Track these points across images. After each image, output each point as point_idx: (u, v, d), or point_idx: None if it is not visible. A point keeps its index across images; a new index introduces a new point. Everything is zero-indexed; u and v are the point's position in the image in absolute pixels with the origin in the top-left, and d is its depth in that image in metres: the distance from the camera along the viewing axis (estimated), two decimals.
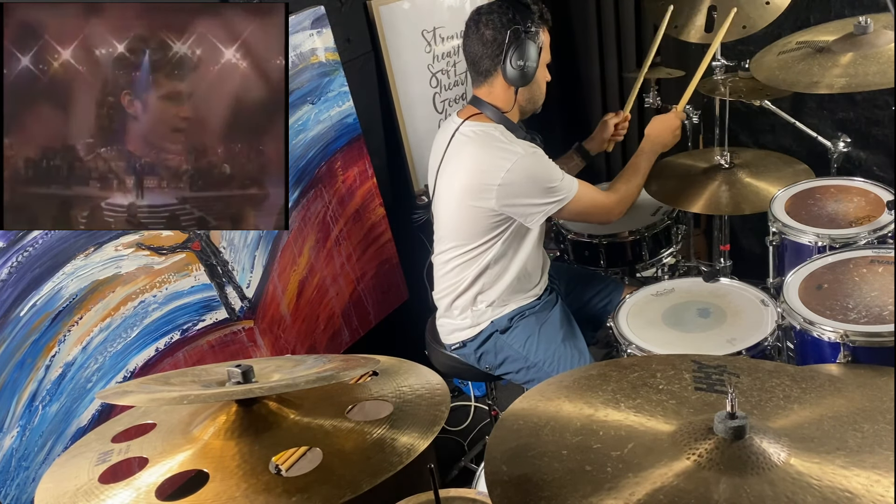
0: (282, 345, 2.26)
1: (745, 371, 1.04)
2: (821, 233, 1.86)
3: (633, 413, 0.96)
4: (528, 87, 1.97)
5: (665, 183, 2.28)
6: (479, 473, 1.71)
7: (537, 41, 1.91)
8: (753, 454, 0.84)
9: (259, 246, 2.16)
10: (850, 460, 0.84)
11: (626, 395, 1.00)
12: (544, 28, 1.94)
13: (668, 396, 0.99)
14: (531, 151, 1.89)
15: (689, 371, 1.04)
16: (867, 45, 1.81)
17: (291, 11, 2.16)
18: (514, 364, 2.06)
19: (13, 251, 1.61)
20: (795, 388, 1.00)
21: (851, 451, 0.85)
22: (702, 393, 0.99)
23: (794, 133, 2.61)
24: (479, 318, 2.07)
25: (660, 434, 0.91)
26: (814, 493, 0.79)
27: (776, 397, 0.98)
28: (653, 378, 1.03)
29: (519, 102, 1.99)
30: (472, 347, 2.10)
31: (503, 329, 2.06)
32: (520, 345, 2.04)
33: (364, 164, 2.50)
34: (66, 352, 1.72)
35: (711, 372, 1.03)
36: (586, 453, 0.88)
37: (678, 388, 1.00)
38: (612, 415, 0.96)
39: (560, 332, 2.05)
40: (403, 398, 1.04)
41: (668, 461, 0.85)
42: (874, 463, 0.83)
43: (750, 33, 2.24)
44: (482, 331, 2.07)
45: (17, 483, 1.65)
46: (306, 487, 0.87)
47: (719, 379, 1.02)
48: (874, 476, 0.81)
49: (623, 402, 0.98)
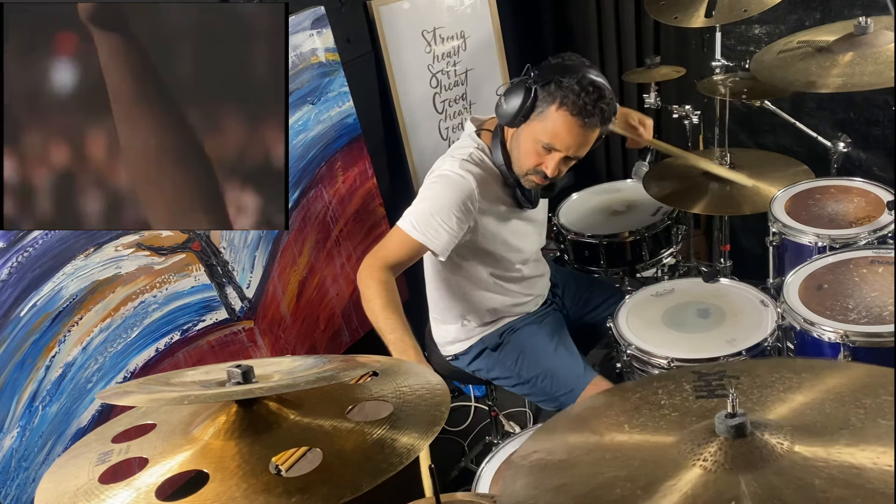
0: (282, 345, 2.26)
1: (745, 371, 1.05)
2: (821, 233, 1.86)
3: (637, 433, 0.96)
4: (516, 137, 1.81)
5: (665, 183, 2.28)
6: (479, 474, 1.71)
7: (538, 104, 1.72)
8: (757, 448, 0.84)
9: (259, 246, 2.17)
10: (855, 438, 0.84)
11: (630, 416, 1.00)
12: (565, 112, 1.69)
13: (671, 409, 0.99)
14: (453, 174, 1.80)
15: (690, 382, 1.04)
16: (867, 45, 1.81)
17: (291, 11, 2.16)
18: (508, 380, 2.04)
19: (13, 251, 1.61)
20: (796, 379, 1.00)
21: (855, 429, 0.86)
22: (703, 400, 0.99)
23: (794, 133, 2.61)
24: (469, 334, 2.06)
25: (665, 446, 0.91)
26: (821, 475, 0.79)
27: (776, 391, 0.98)
28: (654, 395, 1.03)
29: (509, 142, 1.85)
30: (465, 362, 2.09)
31: (494, 346, 2.04)
32: (511, 362, 2.01)
33: (364, 164, 2.50)
34: (66, 352, 1.72)
35: (712, 378, 1.03)
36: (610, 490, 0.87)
37: (679, 399, 1.01)
38: (616, 437, 0.96)
39: (551, 345, 2.00)
40: (403, 398, 1.04)
41: (676, 471, 0.85)
42: (878, 435, 0.84)
43: (750, 15, 2.22)
44: (472, 346, 2.06)
45: (17, 483, 1.65)
46: (306, 488, 0.87)
47: (720, 384, 1.02)
48: (879, 448, 0.81)
49: (627, 424, 0.98)
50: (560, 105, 1.70)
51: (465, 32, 2.77)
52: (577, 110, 1.68)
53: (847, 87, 1.76)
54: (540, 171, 1.79)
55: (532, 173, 1.81)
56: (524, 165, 1.81)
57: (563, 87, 1.68)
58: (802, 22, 2.58)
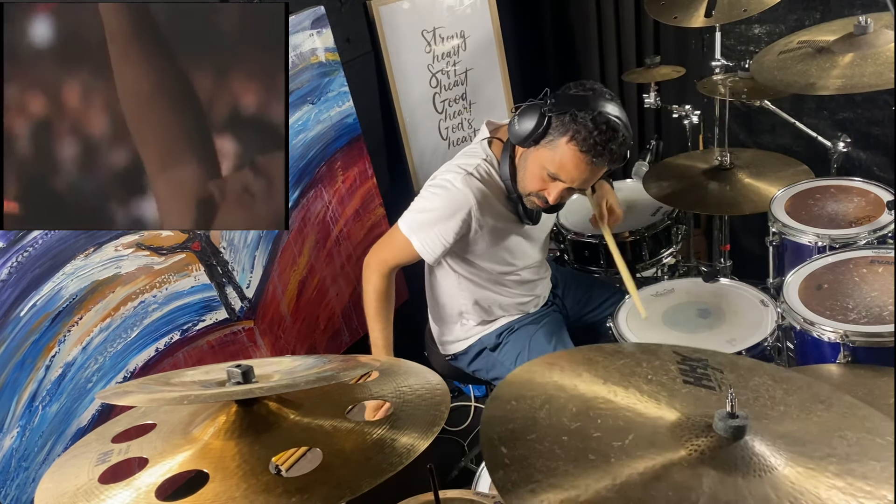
0: (282, 345, 2.26)
1: (728, 367, 1.06)
2: (821, 233, 1.86)
3: (628, 402, 0.97)
4: (524, 157, 1.79)
5: (665, 183, 2.28)
6: (479, 474, 1.71)
7: (550, 132, 1.68)
8: (752, 456, 0.85)
9: (259, 246, 2.17)
10: (842, 468, 0.85)
11: (617, 382, 1.01)
12: (574, 146, 1.66)
13: (659, 388, 0.99)
14: (454, 188, 1.80)
15: (674, 363, 1.05)
16: (867, 45, 1.81)
17: (291, 11, 2.16)
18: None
19: (13, 251, 1.61)
20: (778, 389, 1.01)
21: (841, 459, 0.87)
22: (690, 387, 1.00)
23: (793, 133, 2.62)
24: (467, 333, 2.07)
25: (659, 427, 0.91)
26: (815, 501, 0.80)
27: (762, 397, 0.99)
28: (639, 367, 1.04)
29: (518, 159, 1.83)
30: (464, 362, 2.10)
31: (492, 346, 2.04)
32: (510, 362, 2.02)
33: (364, 164, 2.50)
34: (66, 352, 1.72)
35: (696, 365, 1.05)
36: (587, 441, 0.88)
37: (666, 379, 1.01)
38: (607, 402, 0.97)
39: (550, 345, 2.00)
40: (403, 398, 1.04)
41: (667, 454, 0.86)
42: (864, 474, 0.85)
43: (750, 15, 2.22)
44: (471, 346, 2.07)
45: (17, 483, 1.65)
46: (306, 488, 0.87)
47: (704, 374, 1.03)
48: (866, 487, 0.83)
49: (616, 390, 0.99)
50: (571, 139, 1.66)
51: (465, 32, 2.77)
52: (588, 148, 1.65)
53: (847, 89, 1.76)
54: (542, 197, 1.79)
55: (534, 196, 1.80)
56: (527, 187, 1.80)
57: (577, 122, 1.64)
58: (802, 22, 2.58)
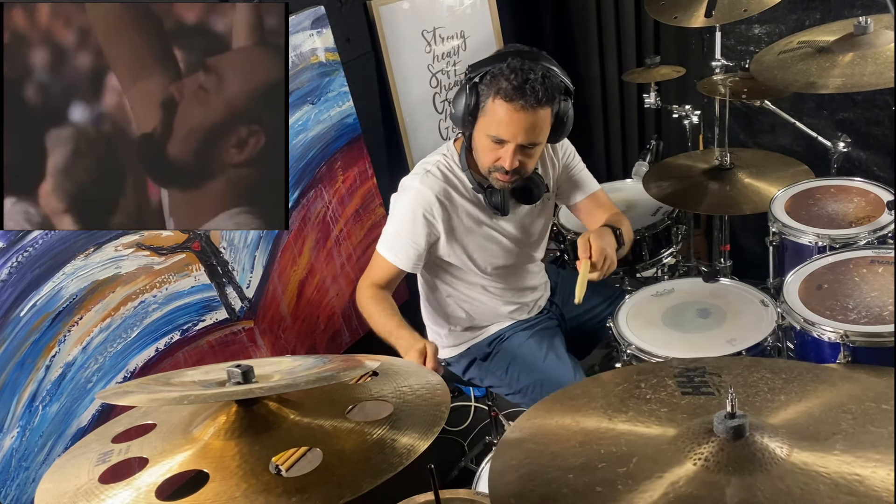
0: (282, 345, 2.26)
1: (725, 369, 1.05)
2: (821, 233, 1.86)
3: (628, 426, 0.96)
4: (473, 139, 1.78)
5: (665, 183, 2.28)
6: (479, 474, 1.70)
7: (478, 100, 1.69)
8: (758, 451, 0.84)
9: (259, 246, 2.17)
10: (850, 444, 0.85)
11: (617, 409, 1.00)
12: (500, 100, 1.66)
13: (659, 405, 0.99)
14: (413, 188, 1.81)
15: (671, 377, 1.04)
16: (867, 45, 1.81)
17: (291, 11, 2.16)
18: (501, 389, 2.05)
19: (13, 251, 1.61)
20: (777, 380, 1.00)
21: (848, 435, 0.86)
22: (689, 397, 0.99)
23: (794, 133, 2.62)
24: (457, 339, 2.07)
25: (661, 444, 0.90)
26: (825, 482, 0.80)
27: (762, 391, 0.98)
28: (637, 389, 1.03)
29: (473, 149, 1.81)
30: (458, 370, 2.09)
31: (483, 356, 2.04)
32: (502, 371, 2.01)
33: (364, 164, 2.50)
34: (66, 352, 1.72)
35: (693, 375, 1.04)
36: (593, 474, 0.88)
37: (665, 395, 1.00)
38: (608, 430, 0.96)
39: (541, 353, 1.97)
40: (403, 398, 1.04)
41: (674, 469, 0.85)
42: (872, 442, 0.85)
43: (750, 15, 2.22)
44: (461, 354, 2.06)
45: (17, 483, 1.65)
46: (306, 488, 0.87)
47: (702, 381, 1.02)
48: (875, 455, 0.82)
49: (616, 417, 0.98)
50: (495, 95, 1.66)
51: (465, 32, 2.77)
52: (510, 95, 1.64)
53: (847, 88, 1.76)
54: (500, 167, 1.75)
55: (494, 170, 1.77)
56: (484, 164, 1.78)
57: (495, 76, 1.65)
58: (802, 22, 2.58)
